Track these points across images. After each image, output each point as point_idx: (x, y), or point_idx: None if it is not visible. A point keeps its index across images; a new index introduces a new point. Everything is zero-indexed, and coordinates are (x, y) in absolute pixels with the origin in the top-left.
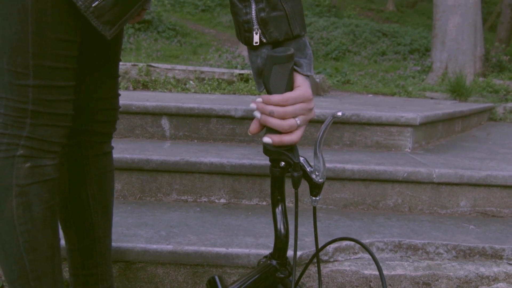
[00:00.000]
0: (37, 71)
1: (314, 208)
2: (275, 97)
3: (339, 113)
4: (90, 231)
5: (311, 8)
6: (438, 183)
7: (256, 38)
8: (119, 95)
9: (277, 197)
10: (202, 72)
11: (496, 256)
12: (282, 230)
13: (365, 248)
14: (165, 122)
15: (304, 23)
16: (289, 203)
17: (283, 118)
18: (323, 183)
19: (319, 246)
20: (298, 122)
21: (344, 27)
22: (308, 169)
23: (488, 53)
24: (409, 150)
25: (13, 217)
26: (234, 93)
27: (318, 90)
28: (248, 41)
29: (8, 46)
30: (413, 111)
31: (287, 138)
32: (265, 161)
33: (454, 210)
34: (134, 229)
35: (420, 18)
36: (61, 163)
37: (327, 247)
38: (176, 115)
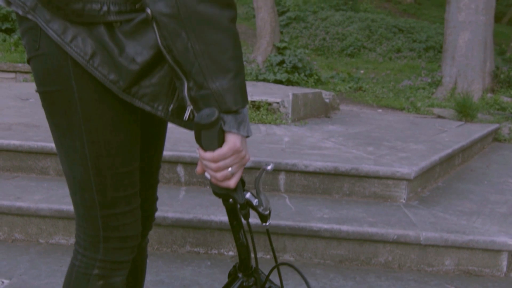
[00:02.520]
0: (102, 203)
1: (267, 230)
2: (207, 155)
3: (269, 167)
4: None
5: (328, 0)
6: (425, 245)
7: (186, 115)
8: (157, 198)
9: (233, 223)
10: None
11: None
12: (243, 247)
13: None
14: (180, 170)
15: (242, 96)
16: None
17: (216, 171)
18: (269, 214)
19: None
20: (230, 170)
21: (360, 22)
22: (254, 202)
23: (498, 69)
24: (403, 201)
25: None
26: None
27: (327, 111)
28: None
29: (78, 186)
30: (408, 159)
31: (223, 184)
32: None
33: (440, 268)
34: None
35: (437, 10)
36: None
37: None
38: (190, 164)
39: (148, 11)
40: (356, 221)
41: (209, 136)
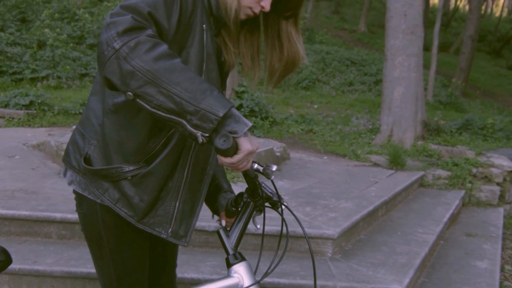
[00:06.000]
0: None
1: (272, 181)
2: (227, 161)
3: (274, 168)
4: None
5: None
6: None
7: (200, 139)
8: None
9: (247, 178)
10: None
11: None
12: (255, 185)
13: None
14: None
15: (225, 100)
16: None
17: (237, 168)
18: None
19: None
20: (247, 162)
21: (315, 54)
22: (261, 169)
23: (428, 118)
24: (330, 255)
25: None
26: None
27: (279, 163)
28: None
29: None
30: (335, 220)
31: (242, 170)
32: None
33: None
34: None
35: None
36: None
37: None
38: None
39: (129, 93)
40: (292, 274)
41: (228, 152)
